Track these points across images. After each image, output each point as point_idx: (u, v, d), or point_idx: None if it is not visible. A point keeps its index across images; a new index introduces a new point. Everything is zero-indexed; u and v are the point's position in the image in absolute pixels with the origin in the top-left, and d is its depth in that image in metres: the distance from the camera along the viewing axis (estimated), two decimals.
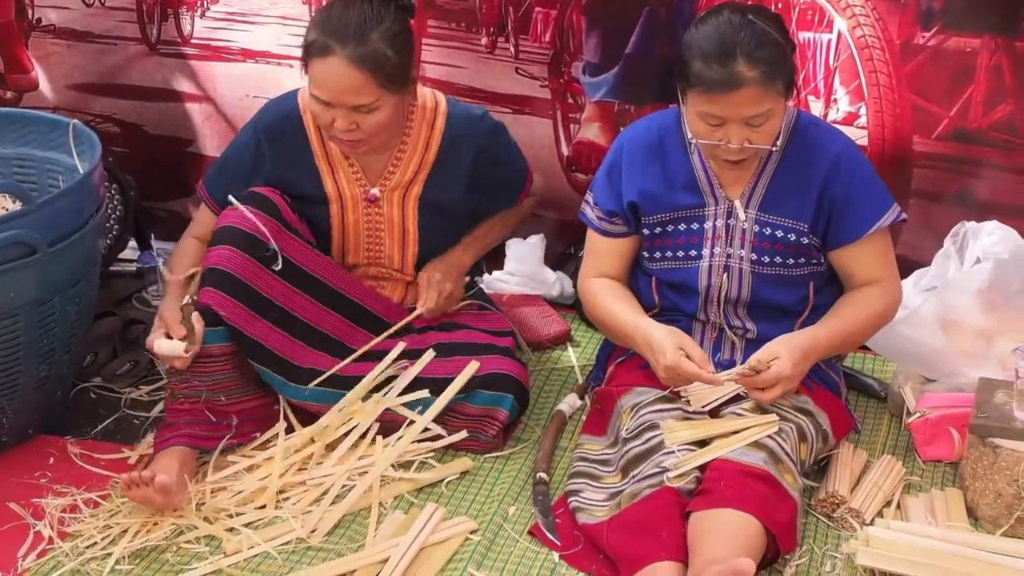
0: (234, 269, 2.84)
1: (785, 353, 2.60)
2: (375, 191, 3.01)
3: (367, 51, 2.74)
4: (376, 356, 2.99)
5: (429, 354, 2.96)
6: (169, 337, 2.80)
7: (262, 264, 2.87)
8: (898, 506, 2.74)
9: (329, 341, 2.99)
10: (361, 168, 3.01)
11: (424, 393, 2.90)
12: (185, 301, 2.86)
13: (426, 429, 2.88)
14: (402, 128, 2.97)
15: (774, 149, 2.66)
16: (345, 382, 2.93)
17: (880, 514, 2.70)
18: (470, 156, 3.02)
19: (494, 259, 3.67)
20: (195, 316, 2.80)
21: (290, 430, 2.93)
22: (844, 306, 2.76)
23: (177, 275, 2.97)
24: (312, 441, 2.87)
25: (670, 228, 2.79)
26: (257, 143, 3.01)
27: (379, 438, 2.88)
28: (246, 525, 2.68)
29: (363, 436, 2.89)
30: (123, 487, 2.65)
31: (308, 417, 2.95)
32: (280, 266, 2.87)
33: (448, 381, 2.90)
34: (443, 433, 2.88)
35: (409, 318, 3.03)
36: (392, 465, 2.83)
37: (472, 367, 2.91)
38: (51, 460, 2.94)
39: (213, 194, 3.06)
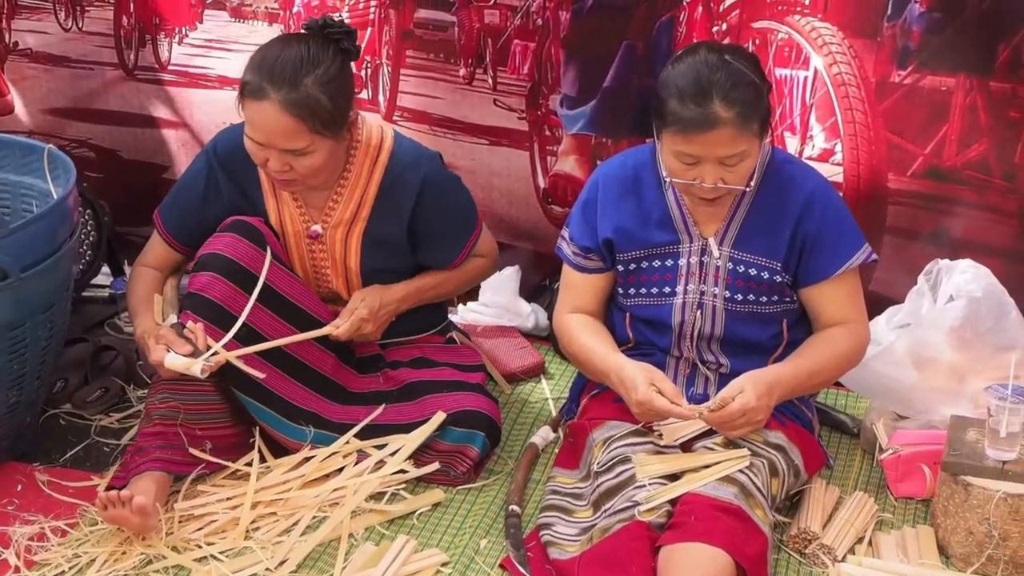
0: (221, 299, 2.82)
1: (749, 386, 2.60)
2: (316, 227, 2.97)
3: (299, 97, 2.69)
4: (361, 401, 2.98)
5: (439, 416, 2.89)
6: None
7: (247, 293, 2.85)
8: (870, 543, 2.74)
9: (319, 378, 2.97)
10: (304, 204, 2.97)
11: (398, 443, 2.89)
12: (172, 322, 2.83)
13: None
14: (342, 166, 2.92)
15: (747, 189, 2.67)
16: (336, 427, 2.91)
17: (852, 551, 2.70)
18: (412, 196, 2.94)
19: (468, 291, 3.67)
20: (200, 328, 2.75)
21: (262, 461, 2.91)
22: (809, 346, 2.77)
23: (140, 302, 2.95)
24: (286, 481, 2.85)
25: (644, 265, 2.79)
26: (210, 170, 2.98)
27: (351, 469, 2.86)
28: (215, 555, 2.66)
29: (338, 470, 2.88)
30: (99, 506, 2.62)
31: (279, 450, 2.93)
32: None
33: (416, 425, 2.89)
34: (410, 468, 2.86)
35: (319, 332, 2.90)
36: None
37: (438, 418, 2.88)
38: (19, 487, 2.92)
39: (166, 222, 3.04)
